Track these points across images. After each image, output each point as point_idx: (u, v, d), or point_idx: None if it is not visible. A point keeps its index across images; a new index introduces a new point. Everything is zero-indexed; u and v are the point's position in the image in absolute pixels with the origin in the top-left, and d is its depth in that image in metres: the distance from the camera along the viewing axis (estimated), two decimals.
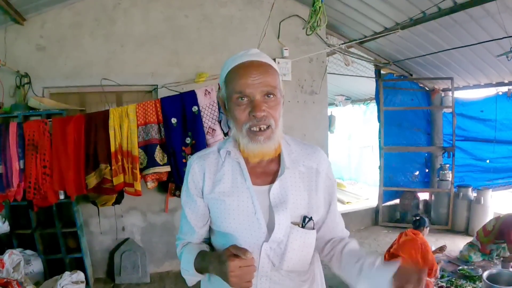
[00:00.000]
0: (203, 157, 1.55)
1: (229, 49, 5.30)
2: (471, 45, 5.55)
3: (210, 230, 1.61)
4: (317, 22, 4.71)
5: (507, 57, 4.97)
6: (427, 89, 7.98)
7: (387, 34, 5.87)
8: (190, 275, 1.52)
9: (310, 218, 1.48)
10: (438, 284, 4.81)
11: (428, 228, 4.72)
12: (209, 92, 4.66)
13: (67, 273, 4.22)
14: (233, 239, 1.44)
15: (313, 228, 1.50)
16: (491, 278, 4.57)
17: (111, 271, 5.13)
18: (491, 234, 5.58)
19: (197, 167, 1.53)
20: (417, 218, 4.75)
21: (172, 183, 4.87)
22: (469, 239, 6.15)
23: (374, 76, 7.54)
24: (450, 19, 5.14)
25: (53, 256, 4.73)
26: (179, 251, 1.61)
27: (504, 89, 6.97)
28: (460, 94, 7.67)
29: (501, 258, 5.47)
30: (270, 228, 1.42)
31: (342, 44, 6.43)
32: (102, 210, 4.91)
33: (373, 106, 9.59)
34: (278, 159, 1.52)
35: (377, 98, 7.48)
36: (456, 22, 5.22)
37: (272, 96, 1.39)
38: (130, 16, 5.00)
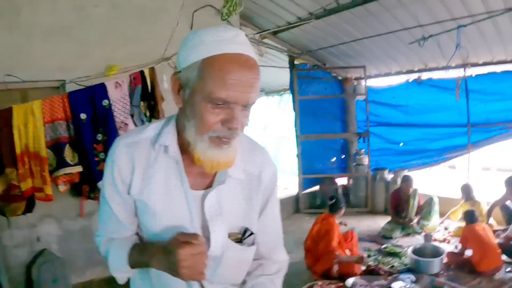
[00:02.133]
0: (132, 145, 1.24)
1: (141, 40, 5.02)
2: (383, 34, 5.76)
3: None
4: (233, 6, 4.61)
5: (419, 44, 5.19)
6: (340, 78, 8.23)
7: (301, 24, 5.91)
8: (122, 272, 1.32)
9: (252, 233, 1.30)
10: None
11: (343, 209, 4.93)
12: (120, 84, 4.44)
13: None
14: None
15: (253, 244, 1.32)
16: (416, 252, 4.81)
17: (30, 286, 4.68)
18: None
19: (125, 157, 1.23)
20: (333, 201, 4.93)
21: (86, 185, 4.54)
22: (389, 218, 6.46)
23: (287, 66, 7.60)
24: (364, 9, 5.29)
25: None
26: (104, 249, 1.36)
27: (415, 76, 7.33)
28: (372, 82, 8.02)
29: (424, 233, 5.84)
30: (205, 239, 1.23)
31: (256, 34, 6.36)
32: (13, 220, 4.45)
33: (287, 96, 9.71)
34: None
35: (291, 88, 7.58)
36: (369, 12, 5.37)
37: (250, 105, 1.14)
38: (36, 5, 4.53)
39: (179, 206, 1.23)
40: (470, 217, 4.89)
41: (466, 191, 6.14)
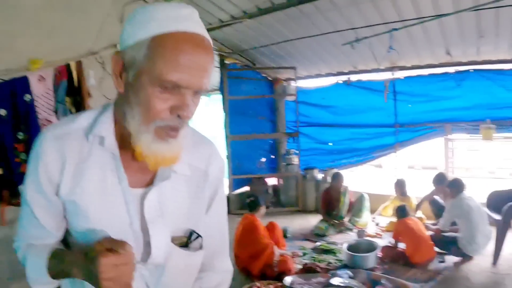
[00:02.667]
0: (62, 137, 1.04)
1: (68, 33, 4.71)
2: (316, 35, 5.84)
3: (66, 231, 1.16)
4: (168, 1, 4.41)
5: (352, 46, 5.29)
6: (270, 78, 8.27)
7: (233, 23, 5.85)
8: (43, 284, 1.10)
9: (198, 235, 1.15)
10: (301, 262, 4.92)
11: (262, 207, 4.95)
12: (43, 78, 4.26)
13: None
14: None
15: (201, 248, 1.17)
16: (351, 248, 4.88)
17: None
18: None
19: (54, 152, 1.03)
20: (251, 199, 4.97)
21: (6, 190, 4.23)
22: (320, 217, 6.54)
23: (217, 66, 7.46)
24: (298, 10, 5.33)
25: None
26: (21, 255, 1.15)
27: (344, 77, 7.56)
28: (302, 83, 8.17)
29: (356, 229, 5.98)
30: (146, 243, 1.09)
31: None
32: None
33: (215, 97, 9.59)
34: None
35: (221, 88, 7.50)
36: (303, 14, 5.42)
37: (202, 92, 1.00)
38: None
39: (116, 207, 1.06)
40: (401, 212, 5.06)
41: (400, 186, 6.39)
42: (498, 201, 5.24)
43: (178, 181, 1.12)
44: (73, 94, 4.41)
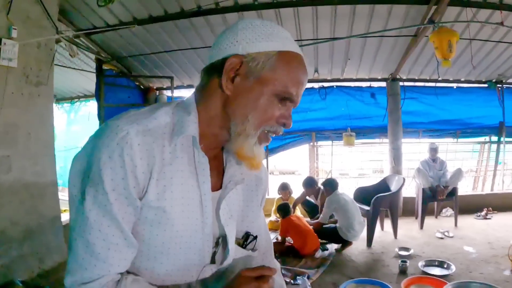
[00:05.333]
0: (148, 134, 0.94)
1: None
2: (200, 48, 6.09)
3: None
4: None
5: None
6: (143, 87, 8.20)
7: (120, 28, 5.69)
8: None
9: (255, 237, 1.18)
10: None
11: None
12: None
13: None
14: (166, 260, 1.01)
15: (255, 249, 1.19)
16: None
17: None
18: None
19: (142, 151, 0.92)
20: None
21: None
22: None
23: (93, 71, 7.15)
24: (189, 22, 5.52)
25: None
26: None
27: None
28: (180, 93, 8.33)
29: None
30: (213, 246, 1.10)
31: (80, 32, 5.87)
32: None
33: (79, 104, 9.11)
34: (221, 152, 1.16)
35: (97, 95, 7.17)
36: (193, 25, 5.64)
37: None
38: None
39: (194, 211, 1.02)
40: (284, 210, 5.58)
41: (284, 188, 6.96)
42: (363, 194, 6.21)
43: (237, 185, 1.15)
44: None
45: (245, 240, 1.16)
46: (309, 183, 6.53)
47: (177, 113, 1.02)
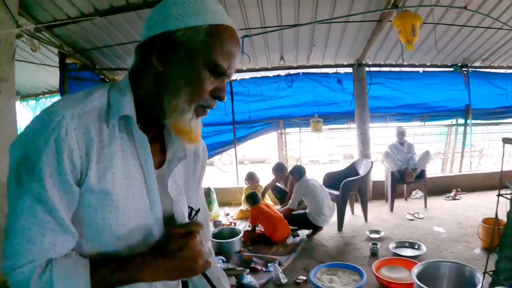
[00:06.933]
0: (84, 117, 0.92)
1: None
2: None
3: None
4: None
5: None
6: (108, 80, 7.97)
7: (82, 20, 5.51)
8: None
9: (197, 211, 1.16)
10: None
11: None
12: None
13: None
14: (117, 243, 1.00)
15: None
16: (215, 236, 5.15)
17: None
18: None
19: (78, 135, 0.90)
20: None
21: None
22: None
23: (57, 65, 6.91)
24: (136, 14, 5.37)
25: None
26: (35, 281, 0.89)
27: None
28: None
29: (212, 222, 6.26)
30: (165, 223, 1.09)
31: (37, 26, 5.65)
32: None
33: (44, 100, 8.85)
34: (163, 130, 1.15)
35: (61, 90, 6.96)
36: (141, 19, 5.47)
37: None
38: None
39: (139, 191, 1.02)
40: (253, 199, 5.53)
41: (250, 177, 6.90)
42: (332, 180, 6.23)
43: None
44: None
45: (189, 214, 1.16)
46: (279, 168, 6.52)
47: (113, 95, 1.01)
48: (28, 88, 9.03)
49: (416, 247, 4.65)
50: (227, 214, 6.87)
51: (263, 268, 4.32)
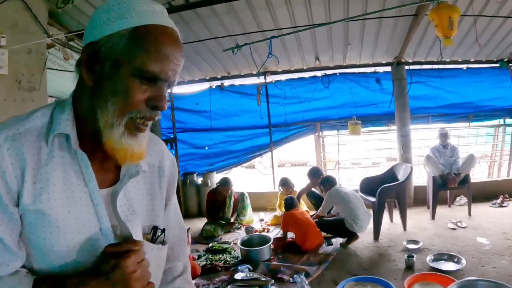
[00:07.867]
0: (18, 138, 0.92)
1: None
2: (192, 42, 5.93)
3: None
4: None
5: (233, 52, 5.47)
6: None
7: None
8: None
9: (163, 230, 1.14)
10: (199, 265, 4.95)
11: None
12: None
13: None
14: (64, 263, 0.97)
15: (165, 242, 1.16)
16: (245, 244, 5.08)
17: None
18: None
19: (12, 156, 0.90)
20: None
21: None
22: (205, 220, 6.68)
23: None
24: (178, 16, 5.33)
25: None
26: None
27: (217, 83, 7.87)
28: (176, 89, 8.13)
29: (243, 227, 6.21)
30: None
31: (67, 34, 5.77)
32: None
33: None
34: None
35: None
36: (183, 20, 5.44)
37: (173, 85, 1.00)
38: None
39: (84, 211, 0.98)
40: (289, 203, 5.47)
41: (284, 183, 6.78)
42: (369, 185, 5.99)
43: (137, 178, 1.10)
44: None
45: (154, 234, 1.12)
46: (314, 173, 6.38)
47: (55, 113, 0.99)
48: (64, 94, 9.20)
49: (455, 260, 4.35)
50: (261, 220, 6.78)
51: (290, 279, 4.17)
